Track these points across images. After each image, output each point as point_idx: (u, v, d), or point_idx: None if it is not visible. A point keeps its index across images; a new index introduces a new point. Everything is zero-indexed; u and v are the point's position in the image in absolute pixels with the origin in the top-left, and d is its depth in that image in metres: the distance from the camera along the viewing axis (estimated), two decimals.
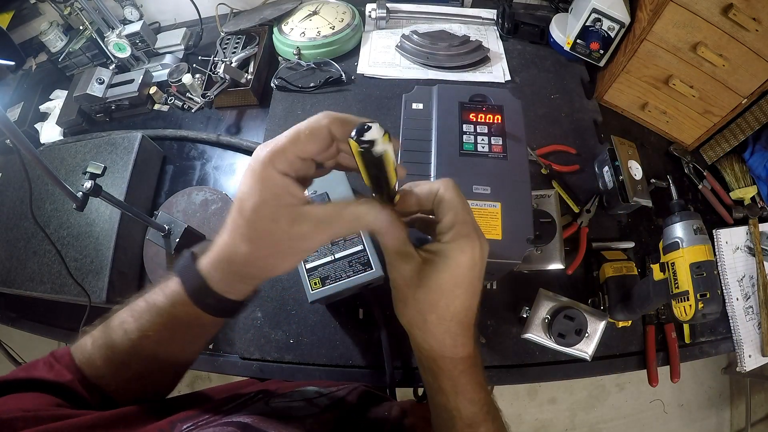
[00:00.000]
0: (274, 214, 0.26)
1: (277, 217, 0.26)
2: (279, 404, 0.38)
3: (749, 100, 0.73)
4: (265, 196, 0.26)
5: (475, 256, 0.29)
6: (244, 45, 0.91)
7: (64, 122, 0.88)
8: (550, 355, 0.65)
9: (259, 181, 0.26)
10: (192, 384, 1.66)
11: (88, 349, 0.34)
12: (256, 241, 0.27)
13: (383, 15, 0.94)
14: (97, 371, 0.34)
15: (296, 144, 0.27)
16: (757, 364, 0.69)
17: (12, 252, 0.72)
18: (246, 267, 0.29)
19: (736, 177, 0.79)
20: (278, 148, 0.26)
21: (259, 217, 0.26)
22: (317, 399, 0.41)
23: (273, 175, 0.26)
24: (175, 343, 0.34)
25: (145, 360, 0.34)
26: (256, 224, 0.27)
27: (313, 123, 0.27)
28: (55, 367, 0.33)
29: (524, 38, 0.96)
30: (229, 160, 0.84)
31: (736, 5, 0.62)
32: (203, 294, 0.31)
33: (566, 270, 0.69)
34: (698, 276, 0.51)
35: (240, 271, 0.30)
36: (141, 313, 0.33)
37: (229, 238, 0.29)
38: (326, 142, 0.27)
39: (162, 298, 0.32)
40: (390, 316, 0.66)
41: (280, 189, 0.26)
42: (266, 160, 0.26)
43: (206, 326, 0.34)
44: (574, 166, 0.78)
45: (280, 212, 0.26)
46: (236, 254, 0.28)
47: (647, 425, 1.63)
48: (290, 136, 0.27)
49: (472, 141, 0.54)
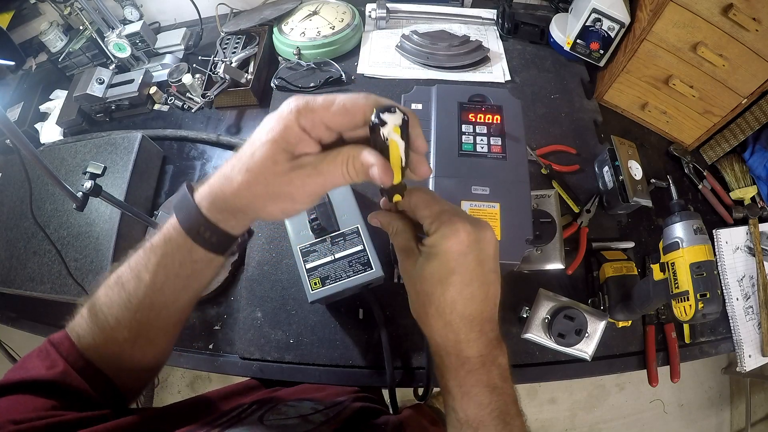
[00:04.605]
0: (277, 155, 0.27)
1: (279, 159, 0.27)
2: (273, 422, 0.38)
3: (749, 100, 0.73)
4: (277, 138, 0.27)
5: (461, 240, 0.29)
6: (244, 45, 0.91)
7: (64, 122, 0.88)
8: (550, 355, 0.65)
9: (279, 123, 0.27)
10: (192, 384, 1.66)
11: (85, 321, 0.34)
12: (252, 174, 0.28)
13: (383, 15, 0.94)
14: (93, 341, 0.34)
15: (327, 111, 0.27)
16: (757, 364, 0.69)
17: (12, 252, 0.72)
18: (237, 198, 0.29)
19: (736, 177, 0.79)
20: (309, 107, 0.27)
21: (263, 153, 0.27)
22: (312, 416, 0.41)
23: (293, 125, 0.27)
24: (168, 285, 0.33)
25: (138, 312, 0.33)
26: (257, 159, 0.28)
27: (352, 100, 0.27)
28: (51, 355, 0.33)
29: (524, 38, 0.96)
30: None
31: (736, 5, 0.62)
32: (195, 222, 0.30)
33: (566, 270, 0.69)
34: (698, 276, 0.51)
35: (231, 202, 0.30)
36: (136, 261, 0.33)
37: (228, 168, 0.29)
38: (357, 122, 0.28)
39: (157, 237, 0.32)
40: (390, 316, 0.66)
41: (294, 138, 0.27)
42: (294, 110, 0.27)
43: (199, 265, 0.33)
44: (574, 166, 0.78)
45: (283, 156, 0.27)
46: (231, 183, 0.29)
47: (647, 425, 1.63)
48: (325, 102, 0.27)
49: (472, 141, 0.54)
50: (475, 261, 0.30)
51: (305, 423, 0.38)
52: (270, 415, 0.39)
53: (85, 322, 0.34)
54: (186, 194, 0.31)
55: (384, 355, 0.62)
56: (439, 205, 0.31)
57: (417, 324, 0.34)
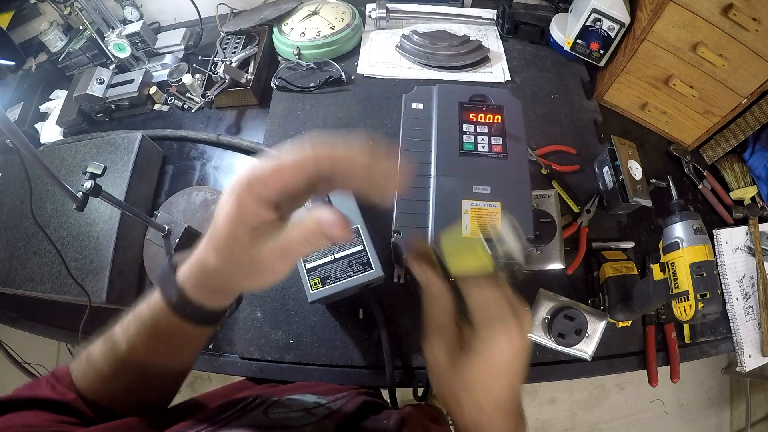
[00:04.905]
0: (237, 233, 0.27)
1: (240, 236, 0.27)
2: (278, 415, 0.38)
3: (749, 100, 0.73)
4: (233, 216, 0.26)
5: (513, 343, 0.28)
6: (244, 45, 0.91)
7: (64, 122, 0.88)
8: (550, 355, 0.65)
9: (233, 200, 0.26)
10: (192, 384, 1.66)
11: (83, 365, 0.35)
12: (221, 254, 0.28)
13: (383, 15, 0.94)
14: (91, 386, 0.34)
15: (279, 175, 0.26)
16: (757, 364, 0.69)
17: (12, 252, 0.72)
18: (215, 280, 0.30)
19: (736, 177, 0.79)
20: (259, 176, 0.26)
21: (225, 231, 0.27)
22: (316, 409, 0.41)
23: (246, 199, 0.26)
24: (160, 353, 0.34)
25: (131, 372, 0.34)
26: (222, 238, 0.27)
27: (299, 158, 0.26)
28: (57, 388, 0.34)
29: (524, 38, 0.96)
30: (229, 160, 0.84)
31: (736, 5, 0.62)
32: (181, 303, 0.31)
33: (566, 270, 0.69)
34: (698, 276, 0.51)
35: (210, 283, 0.30)
36: (128, 326, 0.33)
37: (203, 249, 0.29)
38: (312, 177, 0.26)
39: (146, 309, 0.32)
40: (390, 316, 0.66)
41: (250, 213, 0.26)
42: (244, 184, 0.26)
43: (189, 335, 0.33)
44: (574, 166, 0.78)
45: (243, 232, 0.27)
46: (207, 266, 0.29)
47: (647, 425, 1.63)
48: (274, 166, 0.26)
49: (472, 141, 0.54)
50: (522, 362, 0.29)
51: (308, 416, 0.38)
52: (274, 409, 0.39)
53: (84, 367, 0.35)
54: (169, 275, 0.31)
55: (384, 355, 0.62)
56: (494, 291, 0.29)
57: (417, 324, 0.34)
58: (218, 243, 0.27)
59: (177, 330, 0.32)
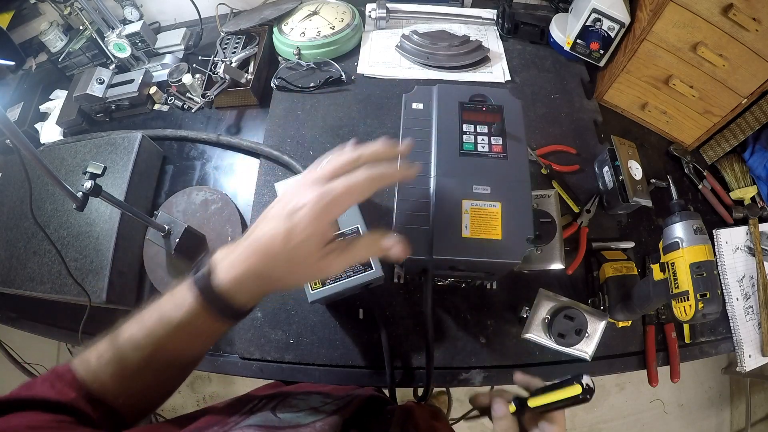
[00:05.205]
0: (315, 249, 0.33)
1: (314, 251, 0.33)
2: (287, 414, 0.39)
3: (749, 100, 0.73)
4: (313, 234, 0.33)
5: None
6: (244, 45, 0.91)
7: (64, 122, 0.88)
8: (550, 355, 0.65)
9: (316, 221, 0.32)
10: (192, 384, 1.66)
11: (93, 365, 0.35)
12: (294, 264, 0.33)
13: (383, 15, 0.94)
14: (103, 386, 0.35)
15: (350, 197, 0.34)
16: (757, 364, 0.69)
17: (12, 252, 0.72)
18: (275, 282, 0.35)
19: (736, 177, 0.79)
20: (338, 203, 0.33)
21: (302, 246, 0.33)
22: (324, 407, 0.42)
23: (326, 221, 0.33)
24: (191, 350, 0.37)
25: (158, 370, 0.36)
26: (298, 251, 0.33)
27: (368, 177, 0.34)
28: (56, 386, 0.34)
29: (524, 38, 0.96)
30: (229, 160, 0.84)
31: (736, 5, 0.62)
32: (226, 308, 0.34)
33: (566, 270, 0.69)
34: (698, 276, 0.51)
35: (266, 285, 0.35)
36: (153, 328, 0.34)
37: (261, 257, 0.33)
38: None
39: (179, 313, 0.34)
40: (390, 316, 0.66)
41: (328, 232, 0.34)
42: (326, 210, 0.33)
43: (219, 331, 0.37)
44: (574, 166, 0.78)
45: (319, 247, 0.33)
46: (269, 271, 0.33)
47: (647, 425, 1.63)
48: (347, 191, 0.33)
49: (472, 141, 0.54)
50: None
51: (317, 413, 0.39)
52: (282, 408, 0.40)
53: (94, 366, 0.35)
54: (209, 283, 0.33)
55: (384, 355, 0.62)
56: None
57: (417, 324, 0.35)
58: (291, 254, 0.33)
59: (213, 328, 0.36)
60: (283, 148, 0.79)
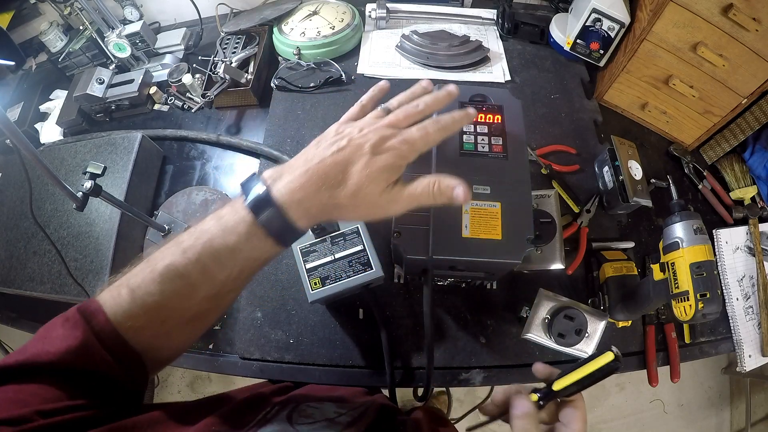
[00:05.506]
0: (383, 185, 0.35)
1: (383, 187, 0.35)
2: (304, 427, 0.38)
3: (749, 100, 0.73)
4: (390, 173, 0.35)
5: None
6: (244, 45, 0.91)
7: (64, 122, 0.88)
8: (550, 355, 0.65)
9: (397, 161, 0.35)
10: (192, 384, 1.66)
11: (125, 300, 0.32)
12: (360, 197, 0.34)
13: (383, 15, 0.94)
14: (135, 321, 0.32)
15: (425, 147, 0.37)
16: (757, 364, 0.69)
17: (12, 252, 0.72)
18: (332, 211, 0.35)
19: (736, 177, 0.79)
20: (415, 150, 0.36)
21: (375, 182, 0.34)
22: (338, 418, 0.41)
23: (403, 164, 0.36)
24: (236, 281, 0.35)
25: (200, 302, 0.34)
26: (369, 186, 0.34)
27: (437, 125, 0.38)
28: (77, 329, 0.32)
29: (524, 38, 0.96)
30: (229, 160, 0.84)
31: (736, 5, 0.62)
32: (284, 227, 0.34)
33: (566, 270, 0.69)
34: (698, 276, 0.51)
35: (330, 215, 0.35)
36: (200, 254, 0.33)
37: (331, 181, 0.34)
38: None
39: (231, 235, 0.33)
40: (390, 316, 0.66)
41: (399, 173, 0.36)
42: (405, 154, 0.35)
43: (269, 259, 0.36)
44: (574, 166, 0.78)
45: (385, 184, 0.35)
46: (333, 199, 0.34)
47: (647, 425, 1.63)
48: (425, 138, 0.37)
49: (473, 141, 0.54)
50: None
51: (333, 424, 0.39)
52: (297, 417, 0.39)
53: (126, 302, 0.33)
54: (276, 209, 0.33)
55: (384, 355, 0.62)
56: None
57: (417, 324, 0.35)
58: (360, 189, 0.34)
59: (265, 255, 0.35)
60: (283, 148, 0.79)
